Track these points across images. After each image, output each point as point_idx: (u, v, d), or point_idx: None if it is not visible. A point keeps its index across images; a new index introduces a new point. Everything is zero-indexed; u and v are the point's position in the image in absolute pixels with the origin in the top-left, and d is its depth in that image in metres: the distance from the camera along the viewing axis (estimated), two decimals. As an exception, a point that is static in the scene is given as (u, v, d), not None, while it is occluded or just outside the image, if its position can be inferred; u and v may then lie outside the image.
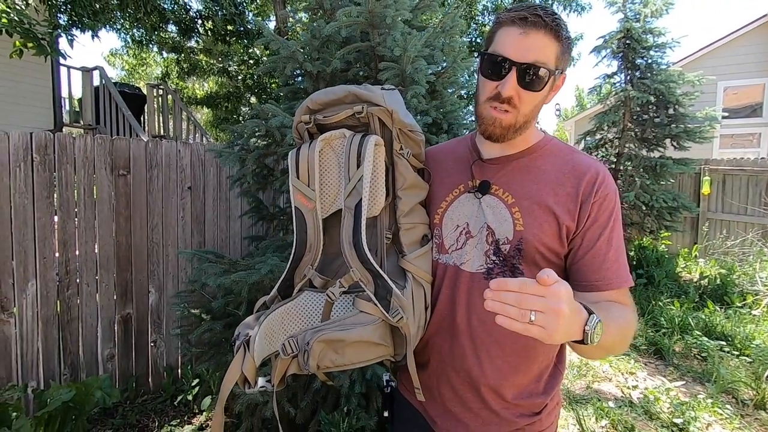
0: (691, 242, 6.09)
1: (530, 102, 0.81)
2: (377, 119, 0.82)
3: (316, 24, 1.99)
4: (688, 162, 5.42)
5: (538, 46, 0.77)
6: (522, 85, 0.78)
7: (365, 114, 0.81)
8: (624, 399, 2.78)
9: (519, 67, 0.77)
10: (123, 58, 13.04)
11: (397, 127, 0.83)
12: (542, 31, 0.77)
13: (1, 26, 3.64)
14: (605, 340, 0.67)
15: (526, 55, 0.77)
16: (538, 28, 0.76)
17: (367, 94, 0.82)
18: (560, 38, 0.78)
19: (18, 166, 2.28)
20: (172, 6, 7.72)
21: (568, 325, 0.59)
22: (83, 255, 2.51)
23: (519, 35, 0.77)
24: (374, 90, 0.83)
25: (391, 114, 0.81)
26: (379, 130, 0.82)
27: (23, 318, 2.31)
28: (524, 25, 0.77)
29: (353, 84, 0.88)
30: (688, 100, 5.36)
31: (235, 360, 0.75)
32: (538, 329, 0.57)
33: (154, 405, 2.63)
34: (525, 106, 0.81)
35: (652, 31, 5.45)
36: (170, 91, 8.10)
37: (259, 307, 0.87)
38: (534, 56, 0.77)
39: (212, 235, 3.04)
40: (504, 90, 0.78)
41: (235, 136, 2.19)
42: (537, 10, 0.77)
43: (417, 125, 0.88)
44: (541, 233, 0.81)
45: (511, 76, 0.77)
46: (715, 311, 4.06)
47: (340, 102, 0.84)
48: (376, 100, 0.81)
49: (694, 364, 3.28)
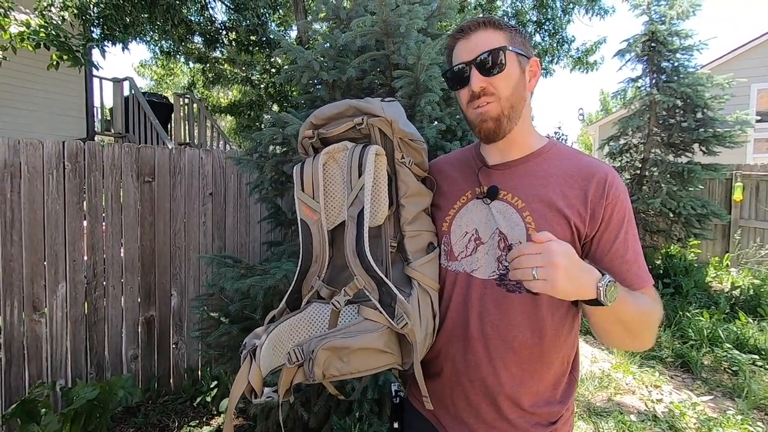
0: (722, 251, 5.84)
1: (504, 85, 0.84)
2: (377, 130, 0.83)
3: (332, 33, 2.02)
4: (718, 167, 5.22)
5: (482, 41, 0.84)
6: (485, 74, 0.83)
7: (366, 125, 0.82)
8: (648, 413, 2.68)
9: (474, 62, 0.83)
10: (152, 68, 13.56)
11: (398, 137, 0.84)
12: (480, 29, 0.85)
13: (40, 40, 3.85)
14: (625, 312, 0.72)
15: (475, 50, 0.84)
16: (477, 29, 0.85)
17: (367, 106, 0.83)
18: (502, 28, 0.85)
19: (51, 173, 2.40)
20: (198, 18, 7.99)
21: (572, 278, 0.65)
22: (110, 258, 2.61)
23: (464, 42, 0.86)
24: (374, 102, 0.85)
25: (390, 124, 0.83)
26: (380, 140, 0.83)
27: (53, 318, 2.42)
28: (464, 33, 0.86)
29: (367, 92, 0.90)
30: (717, 103, 5.18)
31: (241, 370, 0.76)
32: (542, 283, 0.65)
33: (174, 405, 2.70)
34: (502, 90, 0.83)
35: (678, 34, 5.30)
36: (196, 100, 8.36)
37: (269, 320, 0.88)
38: (482, 48, 0.83)
39: (232, 240, 3.12)
40: (473, 85, 0.83)
41: (254, 143, 2.25)
42: (471, 19, 0.86)
43: (418, 134, 0.89)
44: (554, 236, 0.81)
45: (473, 73, 0.83)
46: (748, 323, 3.88)
47: (342, 115, 0.85)
48: (375, 111, 0.83)
49: (723, 378, 3.14)
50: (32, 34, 3.80)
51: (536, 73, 0.89)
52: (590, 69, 9.96)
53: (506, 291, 0.83)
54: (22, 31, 3.79)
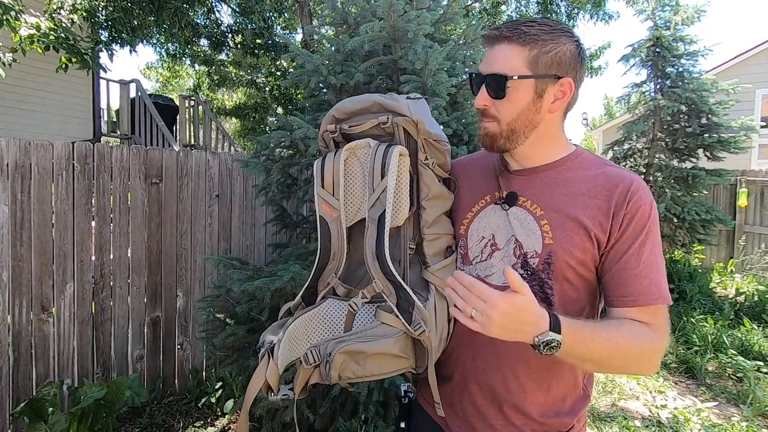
0: (726, 256, 5.82)
1: (508, 110, 0.81)
2: (402, 129, 0.82)
3: (340, 38, 2.05)
4: (722, 173, 5.21)
5: (500, 57, 0.80)
6: (491, 95, 0.81)
7: (390, 124, 0.81)
8: (652, 418, 2.68)
9: (484, 78, 0.82)
10: (158, 70, 13.66)
11: (423, 137, 0.83)
12: (504, 42, 0.80)
13: (49, 43, 3.90)
14: (585, 353, 0.72)
15: (488, 66, 0.82)
16: (501, 41, 0.81)
17: (393, 104, 0.82)
18: (528, 43, 0.79)
19: (60, 174, 2.43)
20: (205, 21, 8.06)
21: (507, 331, 0.67)
22: (117, 259, 2.63)
23: (487, 49, 0.84)
24: (399, 99, 0.83)
25: (416, 124, 0.81)
26: (404, 139, 0.82)
27: (61, 318, 2.44)
28: (490, 41, 0.83)
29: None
30: (722, 108, 5.17)
31: (259, 367, 0.76)
32: (477, 325, 0.67)
33: (179, 406, 2.71)
34: (504, 114, 0.81)
35: (683, 39, 5.31)
36: (201, 102, 8.41)
37: (284, 313, 0.89)
38: (496, 67, 0.80)
39: (237, 241, 3.14)
40: (476, 102, 0.83)
41: (261, 146, 2.27)
42: (502, 26, 0.82)
43: (443, 134, 0.88)
44: (572, 247, 0.79)
45: (481, 89, 0.82)
46: (753, 330, 3.86)
47: (366, 111, 0.84)
48: (401, 110, 0.81)
49: (728, 384, 3.13)
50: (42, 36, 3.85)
51: (565, 94, 0.82)
52: (594, 74, 9.96)
53: None
54: (32, 34, 3.84)
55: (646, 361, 0.77)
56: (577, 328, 0.71)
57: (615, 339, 0.73)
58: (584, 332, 0.72)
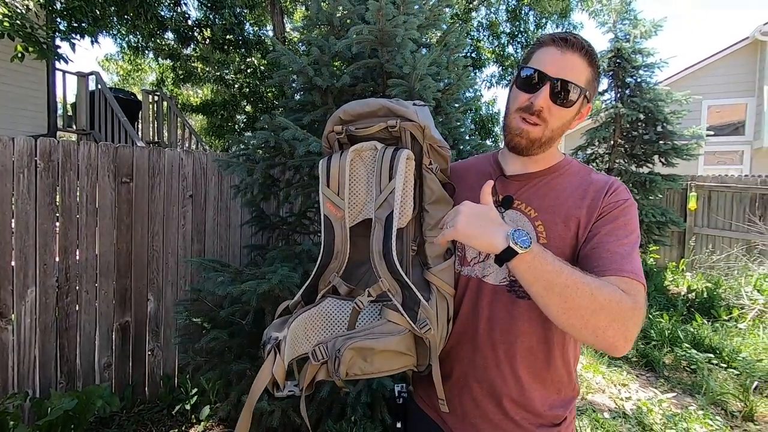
0: (678, 256, 6.23)
1: (559, 118, 0.85)
2: (409, 134, 0.84)
3: (328, 40, 2.04)
4: (675, 178, 5.58)
5: (572, 66, 0.83)
6: (553, 100, 0.83)
7: (398, 128, 0.83)
8: (618, 410, 2.83)
9: (553, 81, 0.82)
10: (117, 63, 12.99)
11: (428, 142, 0.86)
12: (578, 54, 0.84)
13: (3, 30, 3.63)
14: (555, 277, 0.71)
15: (560, 71, 0.83)
16: (575, 50, 0.84)
17: (402, 109, 0.84)
18: (593, 64, 0.86)
19: (21, 172, 2.28)
20: (171, 14, 7.75)
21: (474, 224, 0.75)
22: (83, 262, 2.50)
23: (557, 54, 0.84)
24: (407, 105, 0.85)
25: (423, 130, 0.84)
26: (409, 144, 0.84)
27: (21, 325, 2.29)
28: (563, 46, 0.84)
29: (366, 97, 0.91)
30: (675, 118, 5.54)
31: (266, 363, 0.76)
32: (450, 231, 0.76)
33: (151, 414, 2.60)
34: (554, 121, 0.85)
35: (642, 52, 5.65)
36: (166, 98, 8.09)
37: (282, 311, 0.89)
38: (568, 74, 0.83)
39: (212, 243, 3.05)
40: (536, 101, 0.83)
41: (243, 146, 2.22)
42: (576, 35, 0.86)
43: (444, 141, 0.91)
44: (564, 246, 0.85)
45: (544, 89, 0.83)
46: (703, 324, 4.16)
47: (373, 115, 0.86)
48: (409, 115, 0.83)
49: (683, 376, 3.36)
50: (-5, 23, 3.59)
51: (583, 116, 0.91)
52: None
53: (516, 297, 0.87)
54: (-17, 20, 3.57)
55: (617, 318, 0.70)
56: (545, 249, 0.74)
57: (583, 277, 0.72)
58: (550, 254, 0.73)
